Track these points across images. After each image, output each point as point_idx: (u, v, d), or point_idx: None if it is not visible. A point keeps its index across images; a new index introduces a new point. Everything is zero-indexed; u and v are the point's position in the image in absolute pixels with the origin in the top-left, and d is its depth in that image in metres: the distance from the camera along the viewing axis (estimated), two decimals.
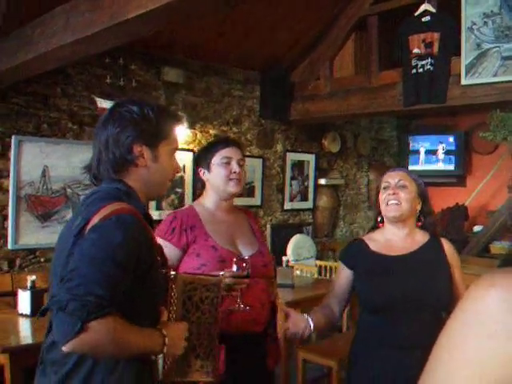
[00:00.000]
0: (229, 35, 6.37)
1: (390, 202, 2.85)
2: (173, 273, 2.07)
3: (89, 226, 1.79)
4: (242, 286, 2.69)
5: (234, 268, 2.69)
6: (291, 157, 7.78)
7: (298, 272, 6.57)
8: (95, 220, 1.79)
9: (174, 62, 6.41)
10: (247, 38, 6.54)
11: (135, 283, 1.78)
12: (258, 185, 7.17)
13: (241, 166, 3.01)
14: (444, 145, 8.86)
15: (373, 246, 2.94)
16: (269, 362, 2.99)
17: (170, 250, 2.79)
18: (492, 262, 6.56)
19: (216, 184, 2.99)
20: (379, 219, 3.02)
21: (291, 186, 7.77)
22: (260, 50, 6.85)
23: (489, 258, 7.16)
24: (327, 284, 6.08)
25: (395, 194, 2.85)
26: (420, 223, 2.96)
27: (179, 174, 6.40)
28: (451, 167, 8.78)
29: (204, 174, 3.03)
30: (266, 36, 6.62)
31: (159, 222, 6.06)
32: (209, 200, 3.04)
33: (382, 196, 2.91)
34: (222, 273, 2.62)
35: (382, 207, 2.91)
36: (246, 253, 2.92)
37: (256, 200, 7.25)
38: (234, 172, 2.95)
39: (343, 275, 2.99)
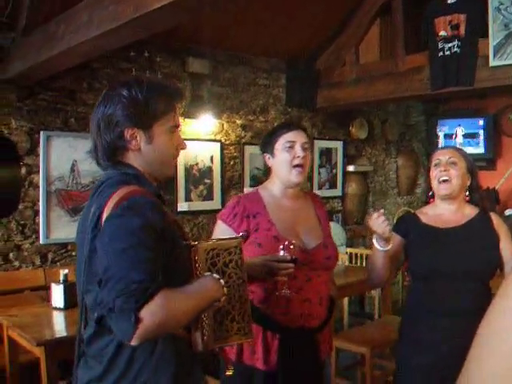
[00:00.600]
0: (252, 24, 6.35)
1: (441, 179, 2.96)
2: (194, 243, 2.03)
3: (103, 216, 1.78)
4: (287, 272, 2.61)
5: (281, 253, 2.63)
6: (319, 144, 7.74)
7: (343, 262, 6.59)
8: (109, 207, 1.78)
9: (198, 53, 6.40)
10: (271, 27, 6.50)
11: (165, 261, 1.77)
12: None
13: (305, 149, 2.91)
14: (462, 128, 8.77)
15: (424, 219, 3.06)
16: (322, 352, 2.93)
17: (230, 235, 2.78)
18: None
19: (279, 170, 2.93)
20: (430, 194, 3.15)
21: (319, 173, 7.74)
22: (284, 38, 6.81)
23: None
24: (358, 271, 6.10)
25: (446, 171, 2.95)
26: (468, 198, 3.07)
27: (207, 165, 6.41)
28: (481, 150, 8.67)
29: (269, 159, 2.98)
30: (290, 24, 6.58)
31: (188, 213, 6.13)
32: (274, 186, 2.98)
33: (433, 173, 3.02)
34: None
35: (434, 184, 3.03)
36: (310, 244, 2.87)
37: None
38: (298, 156, 2.86)
39: (395, 241, 3.03)
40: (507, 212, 8.33)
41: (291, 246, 2.65)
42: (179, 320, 1.75)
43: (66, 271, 4.32)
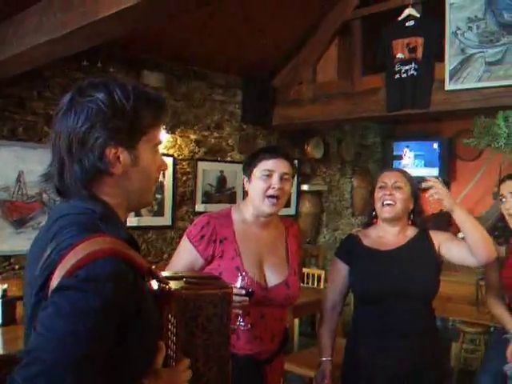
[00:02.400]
0: (210, 39, 6.27)
1: (385, 202, 3.00)
2: (168, 287, 1.64)
3: (53, 282, 1.34)
4: (241, 305, 2.50)
5: (239, 283, 2.54)
6: None
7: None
8: (63, 267, 1.33)
9: (154, 66, 6.29)
10: (229, 43, 6.43)
11: (119, 343, 1.37)
12: (239, 190, 7.05)
13: (285, 180, 2.71)
14: (417, 150, 8.83)
15: (366, 242, 3.11)
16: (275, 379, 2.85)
17: (193, 256, 2.69)
18: (477, 268, 6.49)
19: (253, 197, 2.78)
20: (373, 214, 3.17)
21: None
22: (242, 54, 6.75)
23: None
24: (310, 291, 6.02)
25: (391, 195, 2.99)
26: (411, 221, 3.12)
27: (159, 180, 6.26)
28: (435, 173, 8.70)
29: (246, 182, 2.83)
30: (249, 41, 6.52)
31: (138, 228, 5.99)
32: (247, 211, 2.83)
33: (378, 195, 3.05)
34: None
35: (378, 206, 3.06)
36: (271, 281, 2.74)
37: (292, 210, 7.18)
38: (273, 188, 2.69)
39: (341, 271, 3.12)
40: (460, 235, 8.35)
41: (247, 278, 2.57)
42: None
43: (5, 286, 4.17)
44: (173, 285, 1.64)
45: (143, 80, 6.15)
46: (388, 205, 2.98)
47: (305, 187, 8.09)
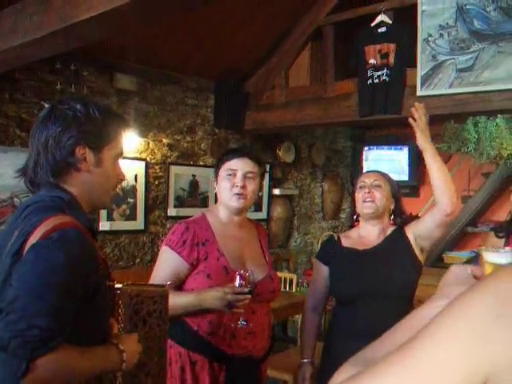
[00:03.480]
0: (183, 43, 6.26)
1: (366, 200, 3.06)
2: (118, 285, 1.90)
3: (28, 244, 1.62)
4: (244, 303, 2.57)
5: (237, 283, 2.58)
6: None
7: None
8: (35, 236, 1.62)
9: (126, 69, 6.25)
10: (202, 47, 6.44)
11: (83, 304, 1.62)
12: (211, 195, 7.03)
13: (249, 178, 2.82)
14: (387, 154, 8.94)
15: (345, 242, 3.16)
16: (263, 381, 2.93)
17: (178, 263, 2.70)
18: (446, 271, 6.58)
19: (221, 196, 2.87)
20: (355, 217, 3.24)
21: None
22: (215, 58, 6.75)
23: (443, 268, 7.16)
24: (284, 296, 6.04)
25: (370, 193, 3.07)
26: (393, 222, 3.17)
27: (131, 183, 6.25)
28: (405, 177, 8.79)
29: (215, 184, 2.94)
30: (221, 45, 6.53)
31: (110, 232, 5.96)
32: (220, 212, 2.90)
33: (359, 194, 3.12)
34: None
35: (358, 205, 3.12)
36: (257, 276, 2.80)
37: (263, 214, 7.18)
38: (237, 186, 2.78)
39: (321, 272, 3.18)
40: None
41: (247, 274, 2.59)
42: (72, 381, 1.60)
43: None
44: (118, 284, 1.91)
45: (116, 83, 6.13)
46: (368, 201, 3.05)
47: (276, 191, 8.11)
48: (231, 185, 2.80)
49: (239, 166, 2.81)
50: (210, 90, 7.22)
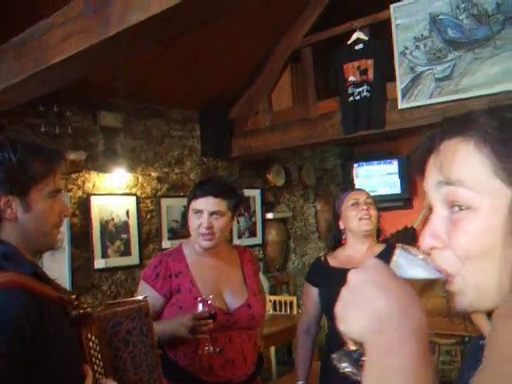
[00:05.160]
0: (165, 77, 6.30)
1: (363, 217, 3.06)
2: (87, 310, 1.77)
3: None
4: (207, 327, 2.57)
5: (200, 309, 2.59)
6: None
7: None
8: None
9: (110, 106, 6.29)
10: (183, 79, 6.47)
11: (30, 367, 1.51)
12: None
13: (216, 216, 2.80)
14: (368, 169, 8.99)
15: (333, 262, 3.17)
16: None
17: (152, 295, 2.69)
18: None
19: (191, 233, 2.88)
20: (343, 237, 3.22)
21: (238, 222, 7.68)
22: (198, 89, 6.79)
23: None
24: (284, 319, 6.03)
25: (367, 210, 3.08)
26: (381, 238, 3.23)
27: (123, 219, 6.26)
28: (397, 191, 8.81)
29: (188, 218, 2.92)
30: (203, 75, 6.58)
31: (104, 270, 5.95)
32: (196, 244, 2.90)
33: (353, 212, 3.10)
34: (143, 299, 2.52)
35: (354, 223, 3.10)
36: (233, 305, 2.81)
37: None
38: (203, 226, 2.78)
39: (312, 295, 3.21)
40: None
41: (209, 302, 2.60)
42: None
43: None
44: (89, 308, 1.76)
45: (100, 121, 6.16)
46: (365, 219, 3.07)
47: (269, 215, 8.11)
48: (198, 224, 2.80)
49: (204, 205, 2.80)
50: (195, 120, 7.26)
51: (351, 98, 6.06)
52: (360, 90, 6.01)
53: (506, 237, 0.81)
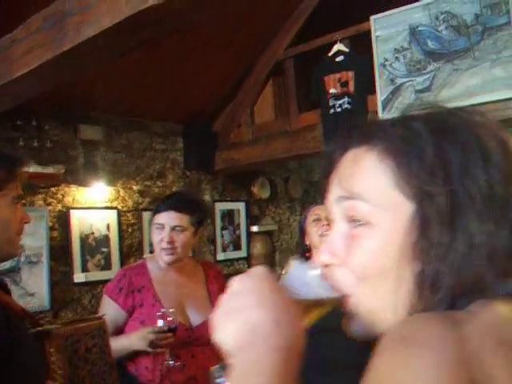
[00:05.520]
0: (147, 89, 6.28)
1: (324, 233, 2.96)
2: (48, 327, 1.78)
3: None
4: (167, 341, 2.56)
5: (160, 322, 2.57)
6: (220, 206, 7.65)
7: None
8: None
9: (90, 119, 6.27)
10: (166, 91, 6.46)
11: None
12: None
13: (177, 231, 2.80)
14: None
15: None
16: None
17: (115, 310, 2.71)
18: None
19: (154, 248, 2.88)
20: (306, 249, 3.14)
21: (222, 236, 7.64)
22: (180, 102, 6.78)
23: None
24: None
25: (328, 225, 2.93)
26: None
27: (103, 233, 6.21)
28: None
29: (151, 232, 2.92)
30: (185, 88, 6.56)
31: (84, 284, 5.91)
32: (160, 259, 2.90)
33: (314, 228, 3.05)
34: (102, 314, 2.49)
35: (315, 239, 3.02)
36: (196, 321, 2.80)
37: None
38: (164, 241, 2.78)
39: None
40: None
41: (168, 316, 2.58)
42: None
43: None
44: (49, 325, 1.73)
45: (80, 135, 6.13)
46: (326, 235, 3.00)
47: (254, 228, 8.07)
48: (159, 239, 2.80)
49: (165, 220, 2.81)
50: (177, 133, 7.24)
51: (332, 111, 6.04)
52: (341, 102, 5.99)
53: (402, 256, 0.77)
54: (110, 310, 2.74)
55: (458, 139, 0.78)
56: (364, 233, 0.80)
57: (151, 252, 6.50)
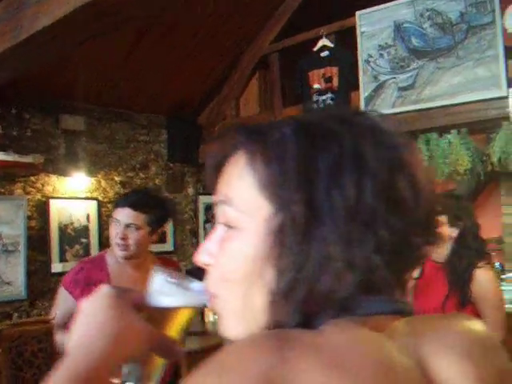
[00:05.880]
0: (132, 80, 6.25)
1: None
2: None
3: None
4: None
5: None
6: (204, 200, 7.60)
7: (212, 318, 6.36)
8: None
9: (72, 109, 6.21)
10: (150, 83, 6.42)
11: None
12: (169, 230, 6.99)
13: (131, 229, 2.76)
14: None
15: None
16: None
17: (70, 303, 2.66)
18: None
19: (110, 241, 2.85)
20: None
21: (205, 229, 7.59)
22: (165, 93, 6.74)
23: None
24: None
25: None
26: None
27: (83, 223, 6.18)
28: None
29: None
30: (170, 80, 6.52)
31: (62, 274, 5.86)
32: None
33: None
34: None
35: None
36: None
37: (168, 246, 7.05)
38: (118, 237, 2.75)
39: None
40: None
41: None
42: None
43: None
44: None
45: (62, 124, 6.08)
46: None
47: None
48: (115, 234, 2.78)
49: (121, 216, 2.78)
50: (161, 125, 7.19)
51: (315, 106, 6.00)
52: (324, 97, 5.96)
53: (261, 262, 0.74)
54: (66, 302, 2.71)
55: (330, 147, 0.73)
56: (232, 237, 0.78)
57: None
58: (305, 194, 0.71)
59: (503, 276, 5.85)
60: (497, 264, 6.20)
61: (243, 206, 0.77)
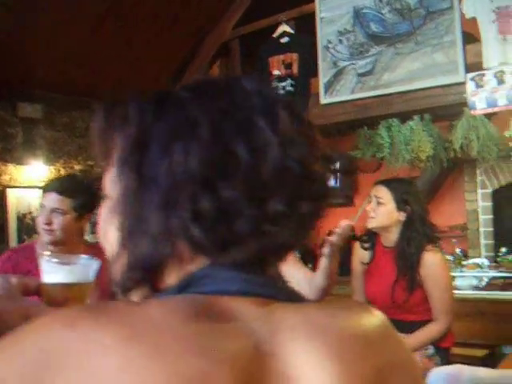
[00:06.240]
0: (92, 67, 6.17)
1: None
2: None
3: None
4: None
5: None
6: None
7: None
8: None
9: (31, 97, 6.12)
10: (109, 72, 6.34)
11: None
12: None
13: (57, 214, 2.68)
14: None
15: None
16: None
17: None
18: None
19: (38, 227, 2.77)
20: None
21: None
22: (126, 82, 6.65)
23: None
24: None
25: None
26: None
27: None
28: (336, 185, 8.71)
29: None
30: (130, 68, 6.45)
31: None
32: None
33: None
34: None
35: None
36: None
37: None
38: (43, 222, 2.69)
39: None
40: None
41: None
42: None
43: None
44: None
45: (19, 113, 5.99)
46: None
47: None
48: (42, 219, 2.71)
49: (47, 201, 2.72)
50: None
51: None
52: (284, 84, 5.91)
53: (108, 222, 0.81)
54: None
55: (170, 115, 0.75)
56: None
57: (92, 233, 6.44)
58: (136, 160, 0.73)
59: (464, 262, 5.84)
60: (458, 250, 6.20)
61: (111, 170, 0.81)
